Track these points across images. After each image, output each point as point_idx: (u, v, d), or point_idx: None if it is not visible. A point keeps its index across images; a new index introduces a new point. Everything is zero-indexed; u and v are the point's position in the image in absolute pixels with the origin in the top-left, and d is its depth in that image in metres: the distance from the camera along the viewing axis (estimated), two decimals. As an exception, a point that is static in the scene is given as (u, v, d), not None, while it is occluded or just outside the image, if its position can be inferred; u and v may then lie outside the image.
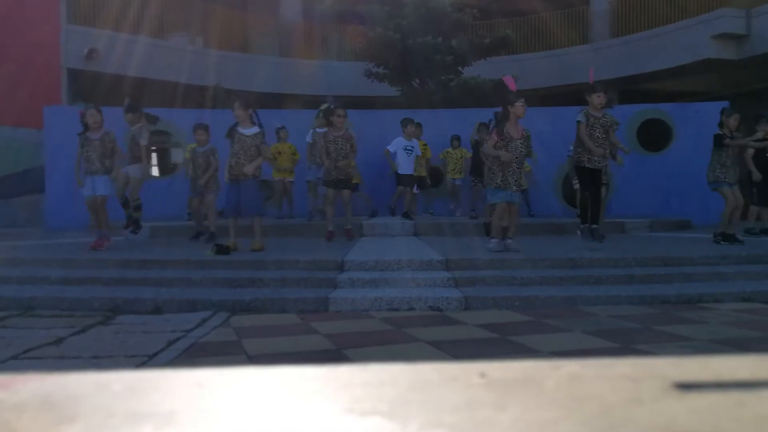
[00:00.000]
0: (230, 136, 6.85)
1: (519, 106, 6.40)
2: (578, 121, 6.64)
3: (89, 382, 0.68)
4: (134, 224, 7.83)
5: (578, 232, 6.83)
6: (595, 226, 6.67)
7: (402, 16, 13.81)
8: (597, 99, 6.59)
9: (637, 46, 15.53)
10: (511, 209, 6.62)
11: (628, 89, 16.38)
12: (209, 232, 7.93)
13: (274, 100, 16.39)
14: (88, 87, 14.18)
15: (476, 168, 9.82)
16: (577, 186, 8.22)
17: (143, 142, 7.60)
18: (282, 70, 16.69)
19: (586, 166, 6.60)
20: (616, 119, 6.79)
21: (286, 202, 10.69)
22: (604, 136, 6.64)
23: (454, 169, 10.94)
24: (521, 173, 6.58)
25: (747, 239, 7.67)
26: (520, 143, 6.45)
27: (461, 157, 10.86)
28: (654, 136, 11.98)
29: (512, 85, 6.61)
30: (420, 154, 9.79)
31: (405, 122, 9.61)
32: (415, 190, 10.05)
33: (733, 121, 7.44)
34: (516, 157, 6.41)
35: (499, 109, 6.77)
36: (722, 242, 7.26)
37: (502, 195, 6.48)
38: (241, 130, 6.74)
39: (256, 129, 6.78)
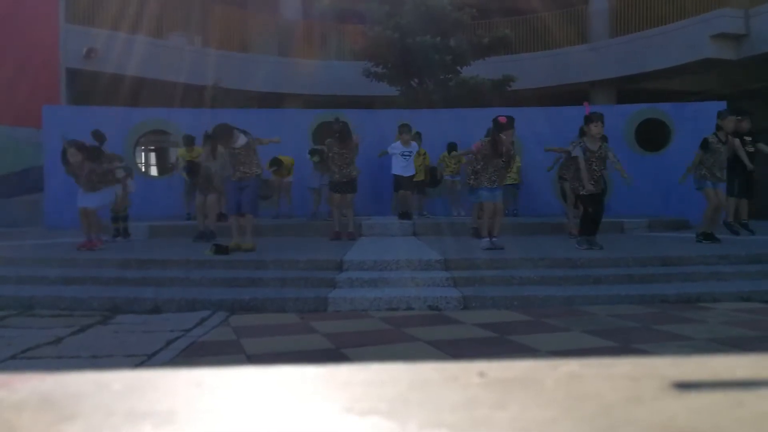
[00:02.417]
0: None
1: (505, 137, 6.79)
2: (575, 156, 6.92)
3: (88, 381, 0.68)
4: (124, 232, 8.58)
5: (576, 244, 6.90)
6: (591, 236, 6.84)
7: (401, 16, 13.80)
8: (595, 128, 6.80)
9: (636, 45, 15.53)
10: (495, 208, 6.95)
11: (627, 89, 16.39)
12: (208, 230, 7.95)
13: (274, 100, 16.38)
14: (87, 87, 14.17)
15: None
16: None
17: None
18: (281, 69, 16.69)
19: (583, 194, 6.83)
20: (612, 151, 7.03)
21: (284, 201, 10.68)
22: (601, 167, 6.94)
23: (453, 170, 10.97)
24: (503, 174, 7.05)
25: (727, 237, 7.73)
26: (502, 162, 6.91)
27: (458, 162, 10.88)
28: (653, 135, 11.99)
29: (503, 120, 6.84)
30: (417, 150, 9.81)
31: (402, 128, 9.49)
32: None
33: (729, 123, 7.47)
34: (495, 170, 6.89)
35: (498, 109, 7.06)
36: (704, 241, 7.34)
37: (487, 193, 6.87)
38: (232, 146, 6.95)
39: (244, 139, 6.92)
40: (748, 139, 8.77)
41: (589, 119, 6.88)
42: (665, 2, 15.54)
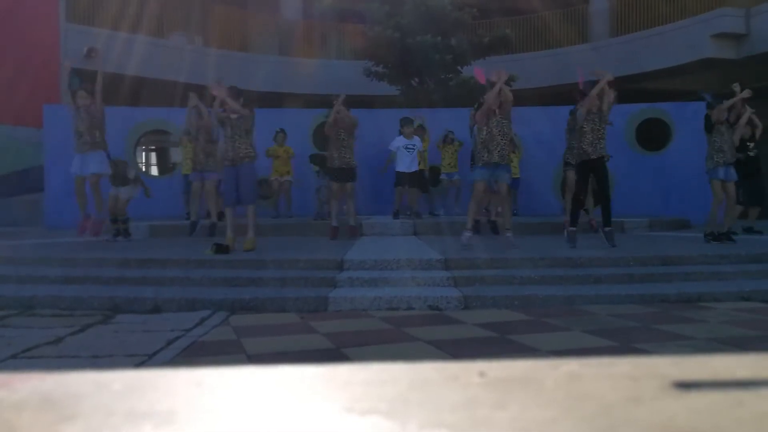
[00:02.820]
0: (221, 122, 6.99)
1: (489, 97, 6.67)
2: (578, 108, 6.97)
3: (89, 381, 0.68)
4: (125, 233, 8.25)
5: (565, 233, 6.91)
6: (608, 228, 6.79)
7: (401, 15, 13.80)
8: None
9: (637, 45, 15.53)
10: (499, 189, 6.81)
11: (628, 88, 16.37)
12: (210, 222, 7.86)
13: (274, 99, 16.38)
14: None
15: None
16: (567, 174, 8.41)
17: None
18: (281, 69, 16.69)
19: (591, 157, 6.75)
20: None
21: (283, 201, 10.69)
22: (601, 126, 6.89)
23: (449, 164, 10.90)
24: (506, 146, 6.80)
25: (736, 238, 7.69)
26: (501, 118, 6.71)
27: (455, 151, 10.85)
28: (653, 135, 11.99)
29: (482, 79, 6.77)
30: (422, 148, 9.82)
31: (403, 122, 9.63)
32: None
33: (717, 112, 7.46)
34: (499, 131, 6.68)
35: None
36: (712, 241, 7.27)
37: (483, 172, 6.70)
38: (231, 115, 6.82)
39: (244, 110, 6.84)
40: (750, 144, 8.76)
41: (582, 92, 6.99)
42: (666, 2, 15.53)
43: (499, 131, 6.68)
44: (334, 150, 7.95)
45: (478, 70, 6.94)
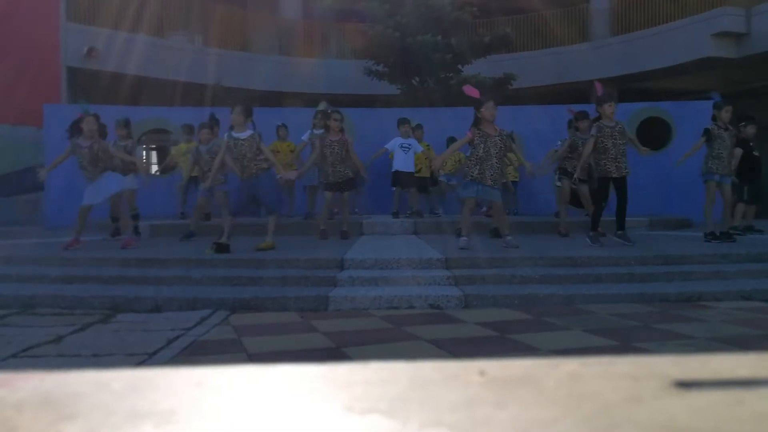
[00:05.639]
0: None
1: (485, 111, 6.48)
2: (591, 135, 6.87)
3: (89, 380, 0.68)
4: (134, 231, 8.26)
5: (587, 239, 6.91)
6: (620, 231, 6.85)
7: (402, 14, 13.81)
8: (609, 108, 6.74)
9: (637, 44, 15.53)
10: (494, 207, 6.81)
11: (628, 87, 16.38)
12: (226, 231, 7.85)
13: (274, 99, 16.39)
14: (88, 85, 14.18)
15: None
16: (559, 184, 8.37)
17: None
18: (281, 68, 16.69)
19: (614, 176, 6.74)
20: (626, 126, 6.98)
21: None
22: (623, 141, 6.80)
23: (451, 170, 10.90)
24: (501, 169, 6.67)
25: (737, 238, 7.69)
26: (499, 140, 6.53)
27: (458, 160, 10.85)
28: (654, 134, 11.99)
29: (474, 94, 6.64)
30: (419, 151, 9.76)
31: (400, 121, 9.67)
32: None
33: (725, 113, 7.42)
34: (496, 152, 6.50)
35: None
36: (713, 241, 7.26)
37: (473, 189, 6.55)
38: (235, 134, 6.73)
39: (250, 131, 6.76)
40: (752, 144, 8.79)
41: (602, 99, 6.82)
42: (666, 1, 15.54)
43: (497, 152, 6.49)
44: (328, 165, 7.68)
45: (467, 88, 6.79)
